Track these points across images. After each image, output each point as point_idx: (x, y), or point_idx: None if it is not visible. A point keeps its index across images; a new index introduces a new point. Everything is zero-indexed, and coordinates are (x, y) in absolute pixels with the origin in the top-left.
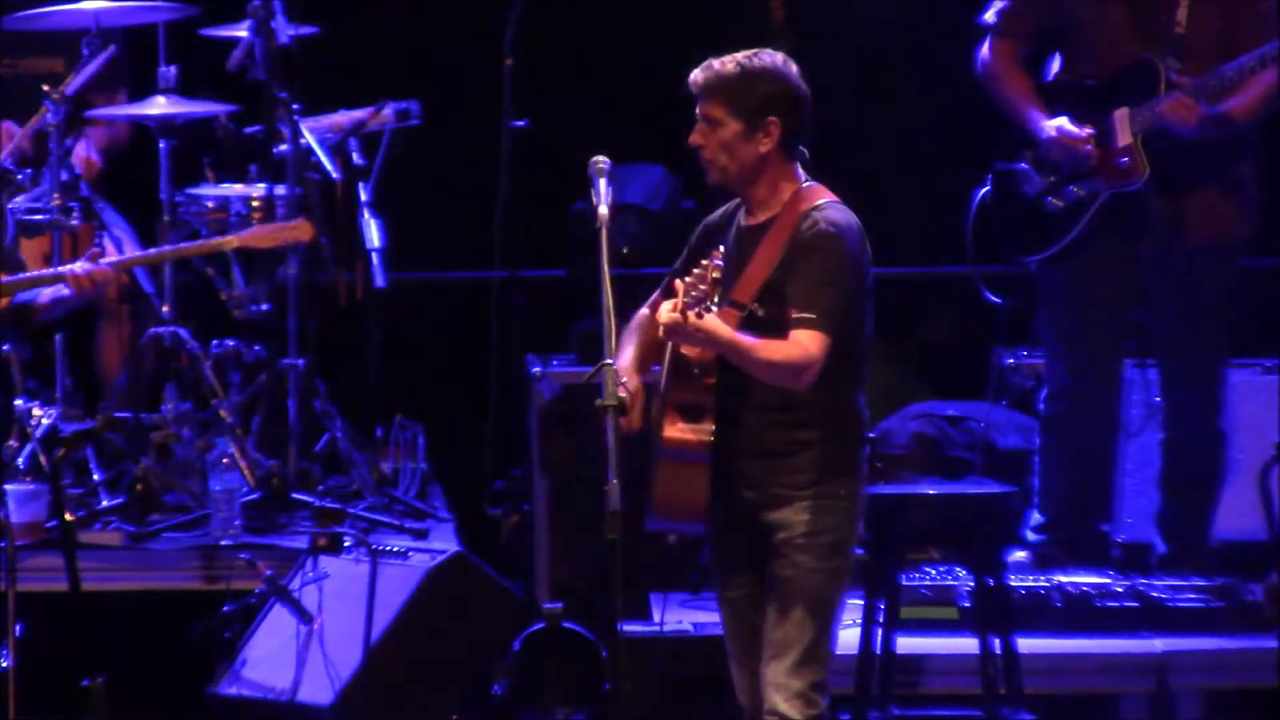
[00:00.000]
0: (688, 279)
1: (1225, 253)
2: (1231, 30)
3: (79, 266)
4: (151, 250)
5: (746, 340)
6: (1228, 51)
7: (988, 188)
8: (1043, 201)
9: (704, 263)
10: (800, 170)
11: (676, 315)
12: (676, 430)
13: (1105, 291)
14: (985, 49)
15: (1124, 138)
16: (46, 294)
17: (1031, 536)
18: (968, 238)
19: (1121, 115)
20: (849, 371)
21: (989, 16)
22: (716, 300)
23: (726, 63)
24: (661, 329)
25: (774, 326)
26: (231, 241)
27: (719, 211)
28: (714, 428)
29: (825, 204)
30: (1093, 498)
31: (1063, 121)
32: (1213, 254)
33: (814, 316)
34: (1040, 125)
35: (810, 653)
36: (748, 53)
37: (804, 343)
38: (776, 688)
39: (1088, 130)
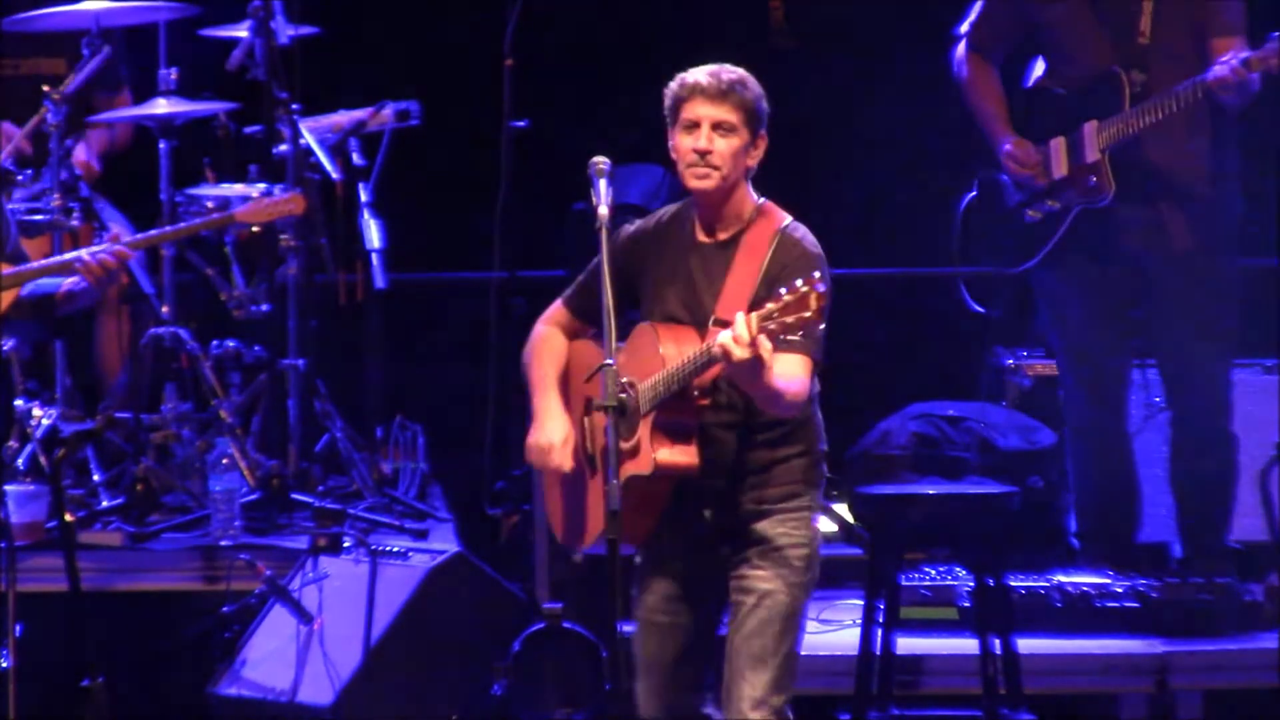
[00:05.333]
0: (773, 305)
1: (1214, 251)
2: (1199, 36)
3: (86, 253)
4: (152, 231)
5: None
6: (1198, 58)
7: (973, 194)
8: (1021, 213)
9: (800, 288)
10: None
11: (749, 349)
12: (667, 453)
13: (1096, 302)
14: (959, 56)
15: (1092, 153)
16: (65, 284)
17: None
18: (954, 245)
19: (1090, 129)
20: (814, 388)
21: (963, 27)
22: (801, 333)
23: (737, 71)
24: (727, 354)
25: None
26: (228, 218)
27: (641, 225)
28: (697, 449)
29: (793, 223)
30: (1124, 504)
31: (1013, 149)
32: (1201, 255)
33: (804, 342)
34: (999, 144)
35: (786, 668)
36: (730, 66)
37: (798, 371)
38: (755, 703)
39: (1033, 160)
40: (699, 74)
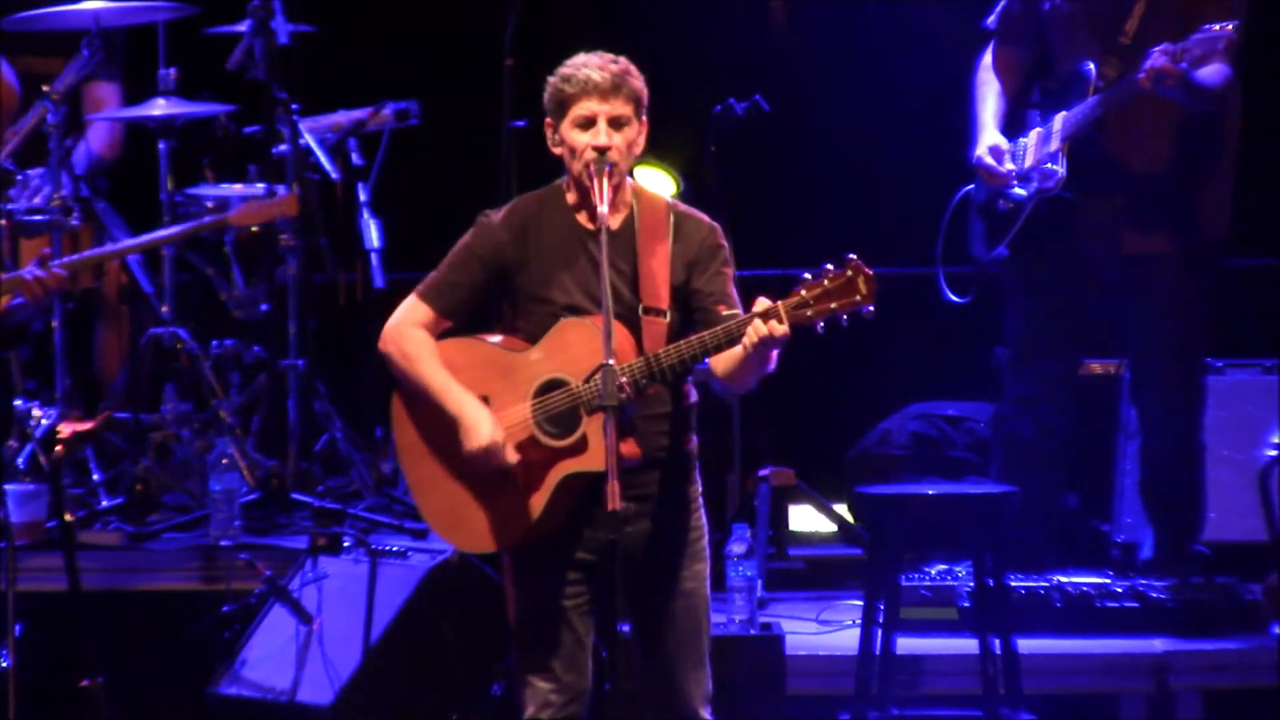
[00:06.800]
0: (807, 292)
1: (1178, 256)
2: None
3: (27, 272)
4: (122, 243)
5: None
6: None
7: (971, 185)
8: (995, 201)
9: (844, 273)
10: None
11: (785, 328)
12: (627, 445)
13: (1045, 295)
14: (989, 52)
15: (1055, 142)
16: (2, 301)
17: None
18: (940, 233)
19: (1059, 119)
20: None
21: (990, 20)
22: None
23: (620, 60)
24: (766, 343)
25: (680, 330)
26: (221, 221)
27: (509, 214)
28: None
29: (671, 199)
30: (1028, 499)
31: (981, 156)
32: (1162, 261)
33: (740, 311)
34: (976, 143)
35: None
36: (610, 55)
37: None
38: (705, 699)
39: (999, 170)
40: (588, 69)
